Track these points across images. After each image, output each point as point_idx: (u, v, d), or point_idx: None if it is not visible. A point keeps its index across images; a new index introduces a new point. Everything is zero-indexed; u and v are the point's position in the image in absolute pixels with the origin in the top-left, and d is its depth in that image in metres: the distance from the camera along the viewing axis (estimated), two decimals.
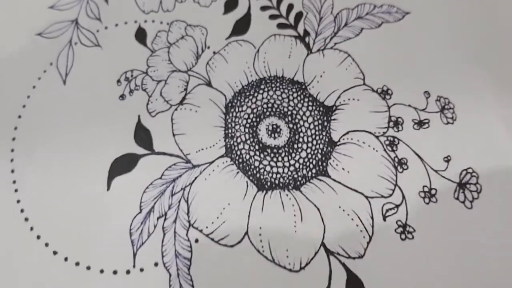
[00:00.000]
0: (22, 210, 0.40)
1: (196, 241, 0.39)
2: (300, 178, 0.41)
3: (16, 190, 0.41)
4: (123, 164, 0.42)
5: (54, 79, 0.46)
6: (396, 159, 0.41)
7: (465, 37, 0.46)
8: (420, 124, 0.42)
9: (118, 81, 0.45)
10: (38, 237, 0.39)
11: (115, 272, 0.38)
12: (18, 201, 0.41)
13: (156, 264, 0.38)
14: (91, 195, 0.41)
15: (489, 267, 0.37)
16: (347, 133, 0.42)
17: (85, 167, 0.42)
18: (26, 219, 0.40)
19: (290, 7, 0.48)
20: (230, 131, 0.43)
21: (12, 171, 0.42)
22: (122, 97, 0.45)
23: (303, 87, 0.44)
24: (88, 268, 0.38)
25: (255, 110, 0.44)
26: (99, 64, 0.47)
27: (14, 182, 0.42)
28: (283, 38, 0.47)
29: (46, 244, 0.39)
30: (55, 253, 0.39)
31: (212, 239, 0.39)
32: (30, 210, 0.40)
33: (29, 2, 0.50)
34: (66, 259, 0.39)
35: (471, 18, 0.47)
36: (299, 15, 0.48)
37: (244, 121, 0.43)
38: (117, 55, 0.47)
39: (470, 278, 0.37)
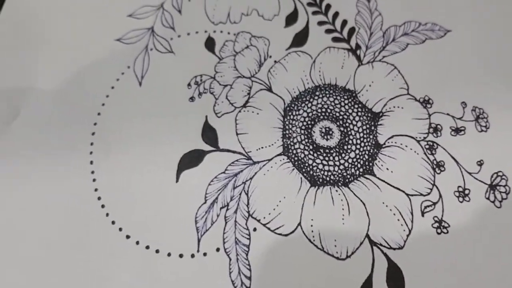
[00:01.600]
0: (99, 198, 0.42)
1: (254, 229, 0.41)
2: (348, 176, 0.43)
3: (94, 180, 0.43)
4: (191, 159, 0.44)
5: (131, 81, 0.48)
6: (435, 162, 0.43)
7: (500, 54, 0.48)
8: (457, 131, 0.44)
9: (189, 84, 0.47)
10: (113, 222, 0.42)
11: (181, 256, 0.40)
12: (96, 190, 0.43)
13: (217, 250, 0.40)
14: (162, 186, 0.43)
15: None
16: (392, 137, 0.44)
17: (156, 160, 0.44)
18: (103, 206, 0.42)
19: (344, 22, 0.50)
20: (287, 132, 0.45)
21: (91, 162, 0.44)
22: (192, 99, 0.47)
23: (354, 95, 0.46)
24: (157, 251, 0.40)
25: (310, 114, 0.45)
26: (172, 69, 0.49)
27: (92, 172, 0.43)
28: (337, 50, 0.49)
29: (120, 229, 0.41)
30: (127, 237, 0.41)
31: (269, 228, 0.41)
32: (106, 198, 0.43)
33: (110, 10, 0.52)
34: (137, 242, 0.41)
35: (505, 35, 0.49)
36: (352, 30, 0.50)
37: (300, 124, 0.45)
38: (188, 61, 0.49)
39: (499, 270, 0.39)
